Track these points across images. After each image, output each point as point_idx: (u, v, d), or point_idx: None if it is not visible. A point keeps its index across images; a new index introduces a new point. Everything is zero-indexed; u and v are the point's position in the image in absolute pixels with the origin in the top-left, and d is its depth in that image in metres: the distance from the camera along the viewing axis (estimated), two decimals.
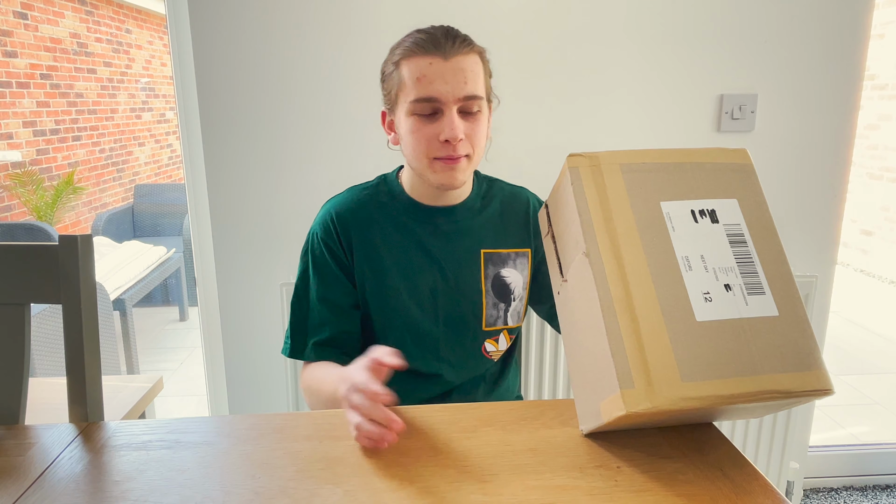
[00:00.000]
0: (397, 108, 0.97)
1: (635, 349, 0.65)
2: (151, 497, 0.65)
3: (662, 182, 0.74)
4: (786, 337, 0.67)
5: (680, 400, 0.63)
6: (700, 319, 0.67)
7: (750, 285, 0.70)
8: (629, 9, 1.53)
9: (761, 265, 0.71)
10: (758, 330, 0.67)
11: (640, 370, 0.64)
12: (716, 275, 0.69)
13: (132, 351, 2.97)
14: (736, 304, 0.68)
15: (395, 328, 1.04)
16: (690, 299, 0.68)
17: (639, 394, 0.63)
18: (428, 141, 0.94)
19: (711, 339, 0.66)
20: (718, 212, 0.73)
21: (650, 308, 0.67)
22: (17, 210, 4.33)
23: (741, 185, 0.77)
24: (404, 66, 0.94)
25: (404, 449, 0.73)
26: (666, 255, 0.70)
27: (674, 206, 0.73)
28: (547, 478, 0.67)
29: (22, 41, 4.29)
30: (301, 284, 1.06)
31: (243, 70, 1.50)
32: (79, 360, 0.84)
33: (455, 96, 0.92)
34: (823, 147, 1.63)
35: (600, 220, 0.72)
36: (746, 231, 0.73)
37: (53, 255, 0.84)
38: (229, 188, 1.57)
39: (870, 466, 1.95)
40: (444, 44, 0.92)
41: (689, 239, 0.71)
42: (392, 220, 1.03)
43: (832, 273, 1.72)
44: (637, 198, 0.73)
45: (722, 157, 0.79)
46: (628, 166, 0.75)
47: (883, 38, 4.57)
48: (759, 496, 0.65)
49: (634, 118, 1.59)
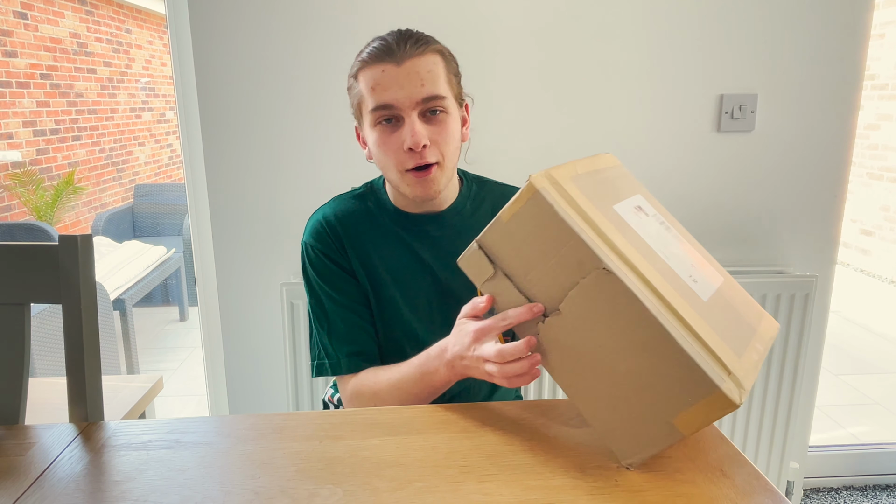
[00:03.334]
0: (363, 121, 0.96)
1: (700, 344, 0.65)
2: (151, 497, 0.65)
3: (602, 190, 0.77)
4: (738, 295, 0.80)
5: (750, 373, 0.67)
6: (705, 300, 0.72)
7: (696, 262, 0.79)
8: (629, 9, 1.53)
9: (688, 243, 0.82)
10: (728, 295, 0.77)
11: (717, 363, 0.64)
12: (681, 259, 0.76)
13: (132, 351, 2.97)
14: (706, 280, 0.76)
15: (393, 336, 1.03)
16: (689, 285, 0.72)
17: (730, 385, 0.63)
18: (395, 153, 0.92)
19: (721, 313, 0.72)
20: (642, 206, 0.81)
21: (680, 304, 0.67)
22: (17, 210, 4.33)
23: (632, 182, 0.86)
24: (361, 76, 0.93)
25: (404, 449, 0.73)
26: (651, 253, 0.71)
27: (620, 207, 0.76)
28: (547, 478, 0.67)
29: (22, 41, 4.29)
30: (313, 301, 1.02)
31: (243, 70, 1.50)
32: (79, 360, 0.84)
33: (412, 100, 0.90)
34: (823, 147, 1.63)
35: (596, 236, 0.68)
36: (663, 217, 0.83)
37: (53, 255, 0.84)
38: (229, 188, 1.57)
39: (870, 466, 1.95)
40: (396, 49, 0.90)
41: (649, 234, 0.76)
42: (381, 230, 1.02)
43: (832, 273, 1.72)
44: (597, 204, 0.72)
45: (604, 162, 0.85)
46: (576, 178, 0.75)
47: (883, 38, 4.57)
48: (760, 496, 0.65)
49: (634, 118, 1.59)
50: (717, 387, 0.62)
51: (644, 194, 0.84)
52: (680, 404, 0.64)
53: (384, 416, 0.81)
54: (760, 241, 1.68)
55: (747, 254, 1.69)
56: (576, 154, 1.60)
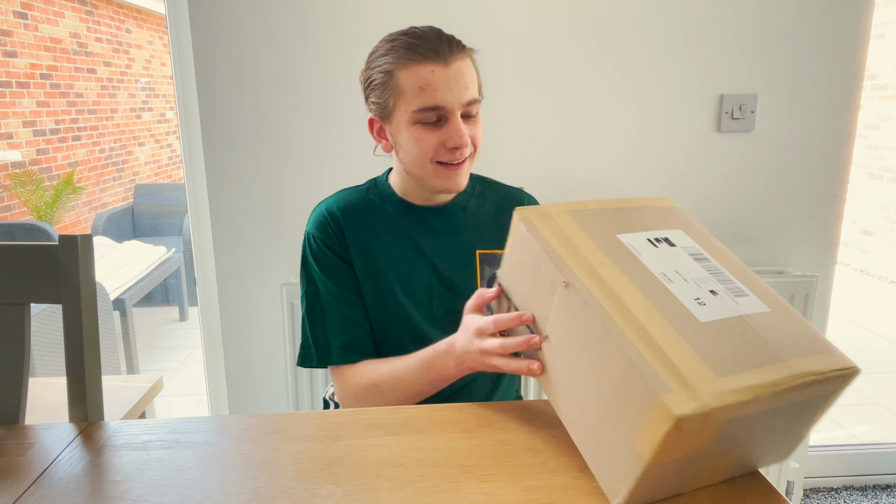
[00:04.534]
0: (394, 117, 0.96)
1: (656, 355, 0.59)
2: (151, 497, 0.65)
3: (611, 221, 0.76)
4: (789, 326, 0.65)
5: (727, 394, 0.56)
6: (704, 321, 0.63)
7: (732, 289, 0.68)
8: (629, 9, 1.53)
9: (732, 275, 0.71)
10: (761, 324, 0.64)
11: (672, 374, 0.57)
12: (697, 284, 0.68)
13: (132, 351, 2.97)
14: (728, 304, 0.66)
15: (393, 329, 1.03)
16: (686, 305, 0.65)
17: (679, 396, 0.55)
18: (433, 147, 0.94)
19: (724, 336, 0.62)
20: (671, 238, 0.75)
21: (652, 316, 0.63)
22: (17, 210, 4.33)
23: (678, 220, 0.79)
24: (402, 74, 0.92)
25: (404, 449, 0.73)
26: (644, 274, 0.68)
27: (631, 238, 0.73)
28: (547, 478, 0.67)
29: (22, 41, 4.29)
30: (310, 290, 1.02)
31: (243, 70, 1.50)
32: (79, 360, 0.84)
33: (459, 102, 0.92)
34: (823, 147, 1.63)
35: (567, 253, 0.69)
36: (703, 251, 0.74)
37: (53, 255, 0.84)
38: (229, 188, 1.57)
39: (870, 466, 1.95)
40: (442, 49, 0.91)
41: (658, 260, 0.71)
42: (385, 222, 1.03)
43: (832, 273, 1.72)
44: (594, 234, 0.73)
45: (649, 202, 0.82)
46: (575, 212, 0.76)
47: (883, 38, 4.57)
48: (760, 496, 0.64)
49: (634, 118, 1.59)
50: (658, 396, 0.56)
51: (690, 230, 0.77)
52: (635, 422, 0.58)
53: (384, 416, 0.81)
54: (760, 241, 1.68)
55: (747, 254, 1.69)
56: (575, 153, 1.60)
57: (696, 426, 0.56)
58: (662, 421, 0.55)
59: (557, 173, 1.61)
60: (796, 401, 0.61)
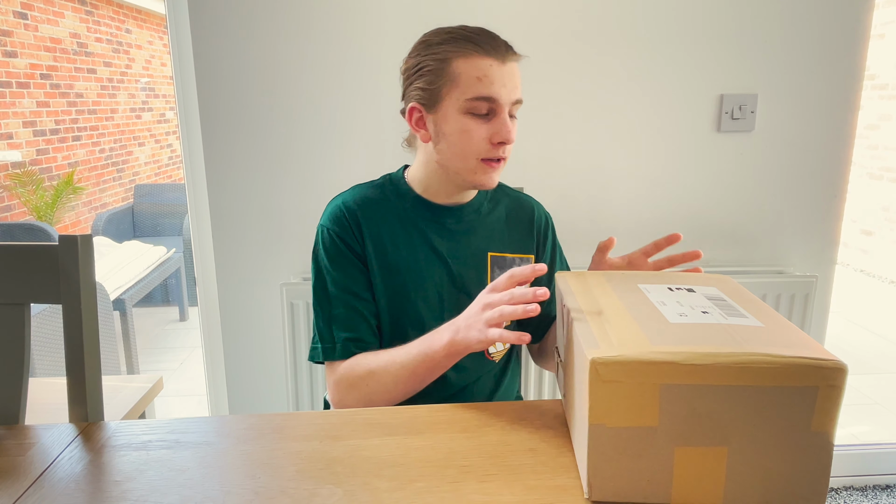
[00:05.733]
0: (442, 105, 0.96)
1: (602, 330, 0.65)
2: (151, 497, 0.65)
3: (644, 278, 0.84)
4: (777, 336, 0.62)
5: (652, 353, 0.58)
6: (673, 321, 0.66)
7: (729, 312, 0.69)
8: (629, 9, 1.53)
9: (745, 310, 0.70)
10: (740, 330, 0.63)
11: (606, 341, 0.62)
12: (691, 307, 0.71)
13: (132, 351, 2.97)
14: (713, 318, 0.67)
15: (401, 326, 1.03)
16: (662, 313, 0.69)
17: (602, 349, 0.59)
18: (481, 141, 0.95)
19: (686, 330, 0.63)
20: (695, 288, 0.78)
21: (620, 315, 0.69)
22: (17, 210, 4.33)
23: (722, 284, 0.81)
24: (460, 62, 0.93)
25: (404, 449, 0.73)
26: (641, 301, 0.73)
27: (650, 286, 0.79)
28: (547, 478, 0.67)
29: (22, 41, 4.29)
30: (319, 284, 1.02)
31: (243, 70, 1.51)
32: (79, 360, 0.84)
33: (510, 99, 0.95)
34: (823, 147, 1.63)
35: (581, 290, 0.79)
36: (727, 297, 0.75)
37: (53, 255, 0.84)
38: (229, 188, 1.57)
39: (870, 466, 1.95)
40: (500, 47, 0.94)
41: (664, 297, 0.75)
42: (399, 218, 1.03)
43: (832, 273, 1.72)
44: (617, 283, 0.81)
45: (705, 276, 0.85)
46: (610, 274, 0.86)
47: (883, 38, 4.57)
48: None
49: (635, 118, 1.59)
50: (587, 356, 0.59)
51: (727, 289, 0.78)
52: (586, 395, 0.60)
53: (384, 416, 0.81)
54: (760, 241, 1.68)
55: (747, 254, 1.69)
56: (575, 154, 1.60)
57: (618, 377, 0.58)
58: (588, 373, 0.59)
59: (557, 173, 1.61)
60: (765, 387, 0.57)
